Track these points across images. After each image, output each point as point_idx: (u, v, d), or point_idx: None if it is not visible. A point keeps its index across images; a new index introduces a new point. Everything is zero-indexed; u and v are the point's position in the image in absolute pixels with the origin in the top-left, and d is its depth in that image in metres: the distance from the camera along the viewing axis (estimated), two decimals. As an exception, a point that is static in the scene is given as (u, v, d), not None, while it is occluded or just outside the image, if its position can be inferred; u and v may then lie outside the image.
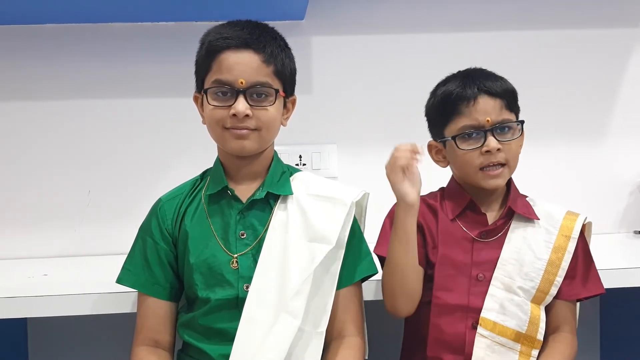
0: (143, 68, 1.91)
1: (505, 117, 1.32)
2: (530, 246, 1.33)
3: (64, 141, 1.90)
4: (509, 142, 1.31)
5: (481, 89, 1.31)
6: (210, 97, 1.24)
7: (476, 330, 1.29)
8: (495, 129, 1.30)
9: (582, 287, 1.34)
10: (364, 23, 1.96)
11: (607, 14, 2.01)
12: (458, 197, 1.38)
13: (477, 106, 1.31)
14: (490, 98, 1.31)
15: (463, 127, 1.32)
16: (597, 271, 1.36)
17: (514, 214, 1.36)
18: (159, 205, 1.32)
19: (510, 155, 1.32)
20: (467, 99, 1.31)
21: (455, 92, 1.33)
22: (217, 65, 1.23)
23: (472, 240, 1.34)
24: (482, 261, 1.33)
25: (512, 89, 1.35)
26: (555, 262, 1.32)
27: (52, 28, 1.88)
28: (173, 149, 1.92)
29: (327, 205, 1.28)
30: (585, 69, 2.01)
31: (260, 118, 1.23)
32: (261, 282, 1.22)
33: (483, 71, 1.37)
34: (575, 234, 1.33)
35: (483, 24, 1.98)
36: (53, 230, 1.89)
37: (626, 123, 2.03)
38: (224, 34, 1.23)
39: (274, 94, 1.24)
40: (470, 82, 1.33)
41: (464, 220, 1.36)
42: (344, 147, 1.97)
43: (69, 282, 1.56)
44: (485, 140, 1.30)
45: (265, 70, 1.23)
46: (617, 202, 2.04)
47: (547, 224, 1.35)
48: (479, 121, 1.30)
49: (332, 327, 1.27)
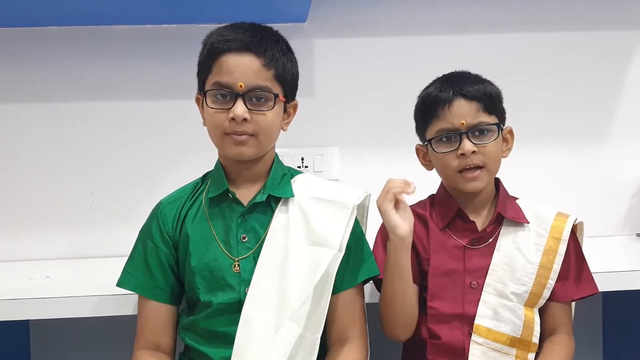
0: (145, 70, 1.91)
1: (482, 120, 1.31)
2: (521, 250, 1.32)
3: (66, 143, 1.90)
4: (485, 145, 1.30)
5: (457, 92, 1.31)
6: (209, 99, 1.23)
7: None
8: (472, 132, 1.30)
9: (576, 289, 1.34)
10: (366, 25, 1.96)
11: (610, 16, 2.01)
12: (447, 206, 1.37)
13: (452, 109, 1.31)
14: (465, 101, 1.31)
15: (439, 131, 1.32)
16: (590, 271, 1.35)
17: (504, 219, 1.35)
18: (160, 208, 1.32)
19: (488, 158, 1.31)
20: (443, 102, 1.32)
21: (432, 95, 1.34)
22: (218, 68, 1.22)
23: (464, 248, 1.34)
24: (474, 268, 1.32)
25: (492, 92, 1.34)
26: (546, 265, 1.31)
27: (54, 30, 1.88)
28: (175, 151, 1.92)
29: (329, 209, 1.28)
30: (587, 72, 2.01)
31: (259, 123, 1.22)
32: (260, 284, 1.22)
33: (464, 74, 1.37)
34: (565, 236, 1.33)
35: (486, 26, 1.98)
36: (55, 232, 1.90)
37: (628, 126, 2.03)
38: (225, 36, 1.23)
39: (274, 99, 1.23)
40: (448, 85, 1.33)
41: (453, 229, 1.36)
42: (346, 149, 1.97)
43: (71, 284, 1.56)
44: (460, 143, 1.30)
45: (265, 74, 1.22)
46: (620, 205, 2.03)
47: (537, 226, 1.35)
48: (454, 124, 1.30)
49: (334, 330, 1.27)
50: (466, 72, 1.38)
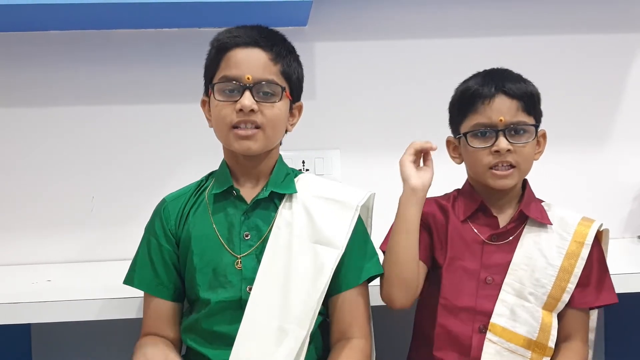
0: (146, 74, 1.91)
1: (521, 119, 1.30)
2: (542, 251, 1.31)
3: (67, 147, 1.90)
4: (522, 144, 1.30)
5: (499, 88, 1.30)
6: (217, 93, 1.24)
7: (483, 334, 1.28)
8: (509, 130, 1.29)
9: (595, 296, 1.32)
10: (366, 29, 1.96)
11: (611, 18, 2.01)
12: (470, 199, 1.37)
13: (492, 105, 1.30)
14: (507, 98, 1.30)
15: (476, 125, 1.31)
16: (612, 280, 1.34)
17: (527, 218, 1.34)
18: (163, 205, 1.33)
19: (522, 158, 1.30)
20: (483, 96, 1.30)
21: (473, 88, 1.33)
22: (226, 62, 1.24)
23: (483, 242, 1.33)
24: (492, 264, 1.32)
25: (534, 92, 1.33)
26: (567, 268, 1.30)
27: (55, 35, 1.88)
28: (177, 155, 1.92)
29: (333, 207, 1.28)
30: (588, 74, 2.01)
31: (266, 114, 1.23)
32: (264, 283, 1.22)
33: (506, 71, 1.36)
34: (589, 241, 1.31)
35: (486, 29, 1.98)
36: (57, 235, 1.90)
37: (630, 128, 2.03)
38: (234, 33, 1.26)
39: (280, 92, 1.24)
40: (489, 80, 1.32)
41: (475, 222, 1.36)
42: (347, 152, 1.97)
43: (72, 287, 1.56)
44: (496, 140, 1.29)
45: (272, 68, 1.24)
46: (621, 207, 2.03)
47: (561, 229, 1.34)
48: (492, 120, 1.29)
49: (336, 330, 1.27)
50: (508, 69, 1.37)
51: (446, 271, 1.33)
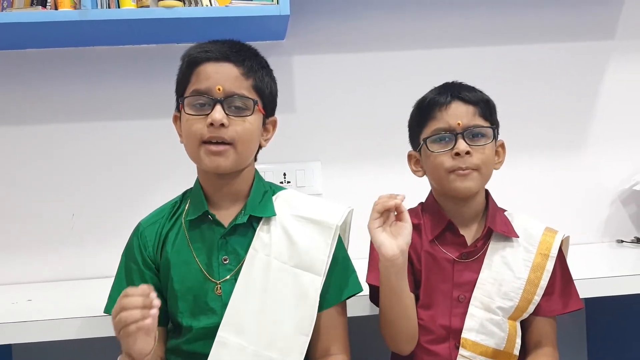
0: (125, 90, 1.91)
1: (478, 122, 1.32)
2: (509, 265, 1.32)
3: (46, 165, 1.89)
4: (480, 146, 1.31)
5: (455, 95, 1.33)
6: (187, 106, 1.22)
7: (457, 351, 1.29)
8: (467, 133, 1.30)
9: (561, 304, 1.34)
10: (344, 41, 1.98)
11: (583, 26, 2.05)
12: (437, 217, 1.37)
13: (449, 110, 1.32)
14: (463, 104, 1.32)
15: (435, 130, 1.32)
16: (576, 286, 1.36)
17: (493, 233, 1.35)
18: (139, 231, 1.30)
19: (482, 161, 1.31)
20: (440, 104, 1.33)
21: (429, 98, 1.35)
22: (196, 76, 1.22)
23: (453, 261, 1.34)
24: (462, 282, 1.33)
25: (488, 99, 1.36)
26: (534, 281, 1.31)
27: (33, 53, 1.87)
28: (157, 171, 1.91)
29: (313, 228, 1.27)
30: (562, 81, 2.04)
31: (237, 129, 1.20)
32: (238, 307, 1.20)
33: (461, 83, 1.38)
34: (553, 253, 1.33)
35: (463, 40, 2.01)
36: (37, 254, 1.88)
37: (605, 133, 2.05)
38: (204, 47, 1.24)
39: (252, 106, 1.22)
40: (445, 90, 1.35)
41: (442, 242, 1.35)
42: (328, 164, 1.97)
43: (53, 307, 1.54)
44: (456, 143, 1.30)
45: (244, 83, 1.22)
46: (599, 212, 2.05)
47: (526, 242, 1.35)
48: (450, 124, 1.31)
49: (318, 347, 1.26)
50: (461, 82, 1.39)
51: (423, 292, 1.33)
